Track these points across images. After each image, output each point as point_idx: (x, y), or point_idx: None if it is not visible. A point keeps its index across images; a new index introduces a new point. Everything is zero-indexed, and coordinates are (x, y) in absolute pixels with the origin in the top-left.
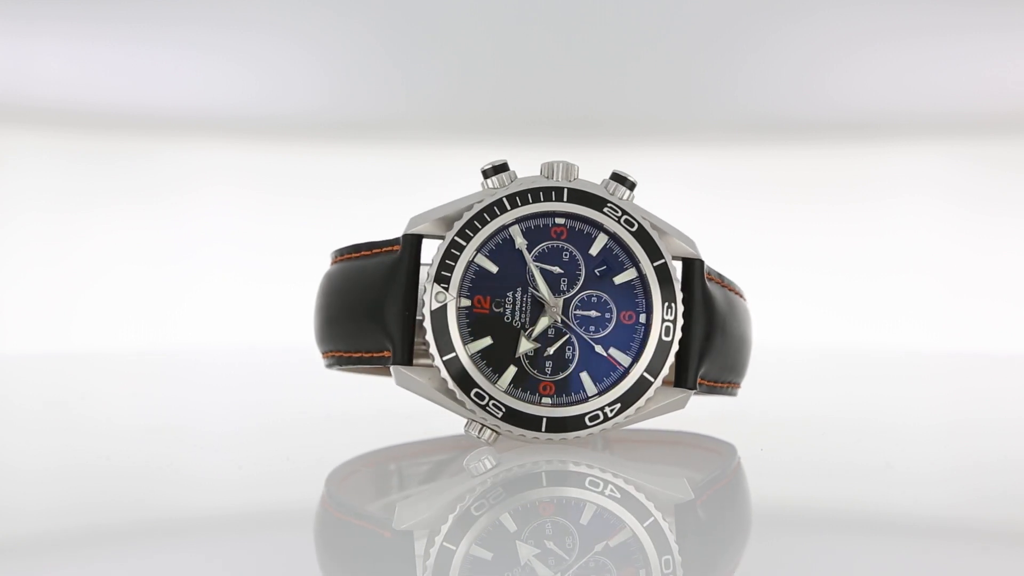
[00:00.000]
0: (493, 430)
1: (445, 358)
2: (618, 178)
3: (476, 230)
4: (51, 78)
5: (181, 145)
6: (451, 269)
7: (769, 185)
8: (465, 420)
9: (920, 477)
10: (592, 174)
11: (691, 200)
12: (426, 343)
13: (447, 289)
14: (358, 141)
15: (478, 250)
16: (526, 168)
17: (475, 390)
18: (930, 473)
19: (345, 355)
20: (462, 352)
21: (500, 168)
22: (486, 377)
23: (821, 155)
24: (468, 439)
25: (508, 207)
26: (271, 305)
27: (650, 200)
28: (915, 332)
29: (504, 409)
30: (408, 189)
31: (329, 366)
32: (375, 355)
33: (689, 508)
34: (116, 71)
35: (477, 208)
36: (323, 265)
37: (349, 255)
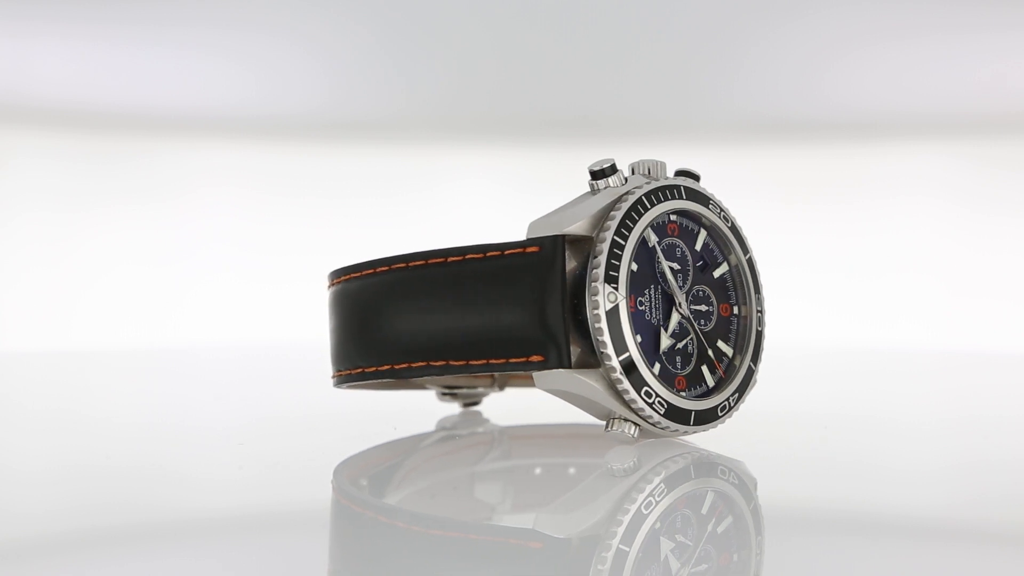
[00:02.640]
0: (639, 426)
1: (621, 358)
2: (687, 174)
3: (629, 229)
4: (51, 78)
5: (181, 145)
6: (617, 269)
7: (769, 185)
8: (607, 420)
9: (920, 477)
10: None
11: None
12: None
13: (617, 289)
14: (358, 141)
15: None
16: (526, 168)
17: (645, 388)
18: (930, 473)
19: (461, 364)
20: (635, 351)
21: (612, 168)
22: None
23: (821, 155)
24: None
25: (648, 206)
26: (271, 305)
27: None
28: (915, 331)
29: (666, 406)
30: (408, 189)
31: (420, 378)
32: (512, 361)
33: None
34: (116, 71)
35: (624, 208)
36: (322, 266)
37: (450, 257)
